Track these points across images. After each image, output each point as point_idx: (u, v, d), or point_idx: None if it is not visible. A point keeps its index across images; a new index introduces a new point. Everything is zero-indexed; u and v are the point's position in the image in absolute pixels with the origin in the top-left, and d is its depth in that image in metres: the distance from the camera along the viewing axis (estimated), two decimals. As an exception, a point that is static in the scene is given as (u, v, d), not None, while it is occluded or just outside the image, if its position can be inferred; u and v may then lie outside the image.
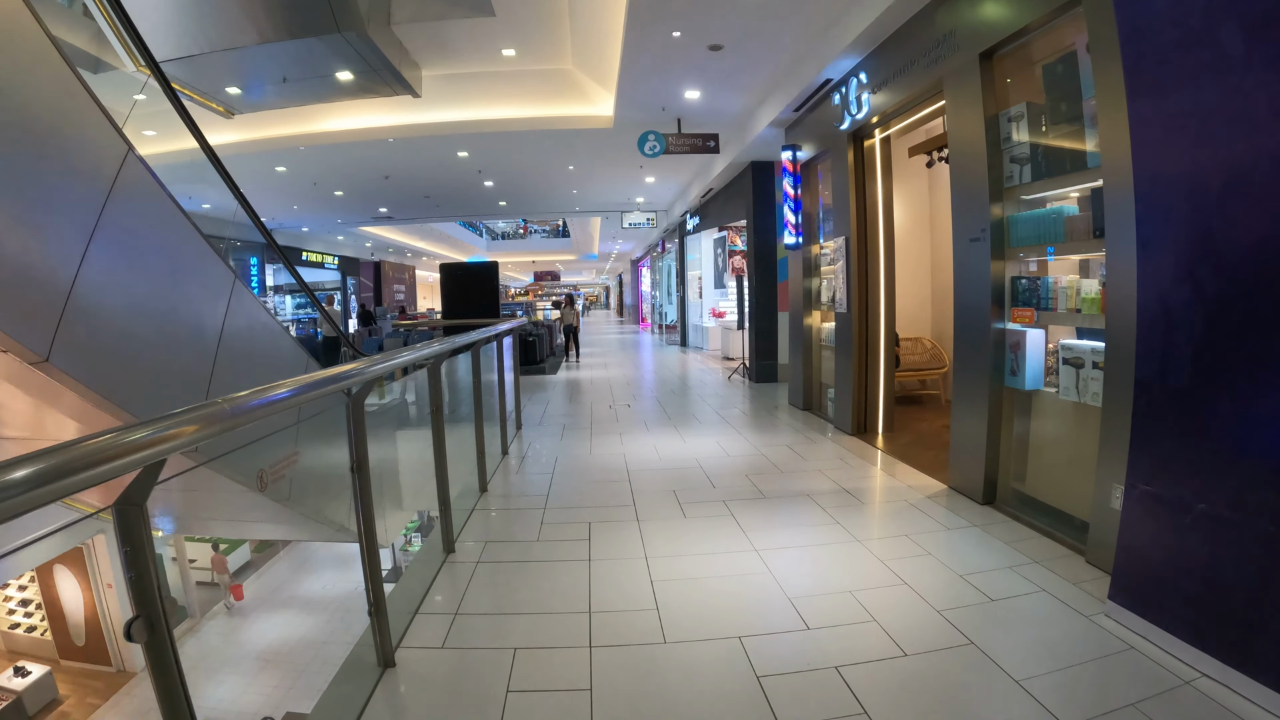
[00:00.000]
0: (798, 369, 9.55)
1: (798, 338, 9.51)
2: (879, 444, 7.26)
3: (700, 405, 9.88)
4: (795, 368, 9.66)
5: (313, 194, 17.64)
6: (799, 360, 9.48)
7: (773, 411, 9.33)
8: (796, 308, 9.55)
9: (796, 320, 9.57)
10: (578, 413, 9.54)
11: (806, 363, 9.31)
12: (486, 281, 8.65)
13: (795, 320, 9.63)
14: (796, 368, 9.59)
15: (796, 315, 9.55)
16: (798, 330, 9.51)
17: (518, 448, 7.42)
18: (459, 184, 16.37)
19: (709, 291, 20.28)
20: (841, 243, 7.78)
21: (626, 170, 14.64)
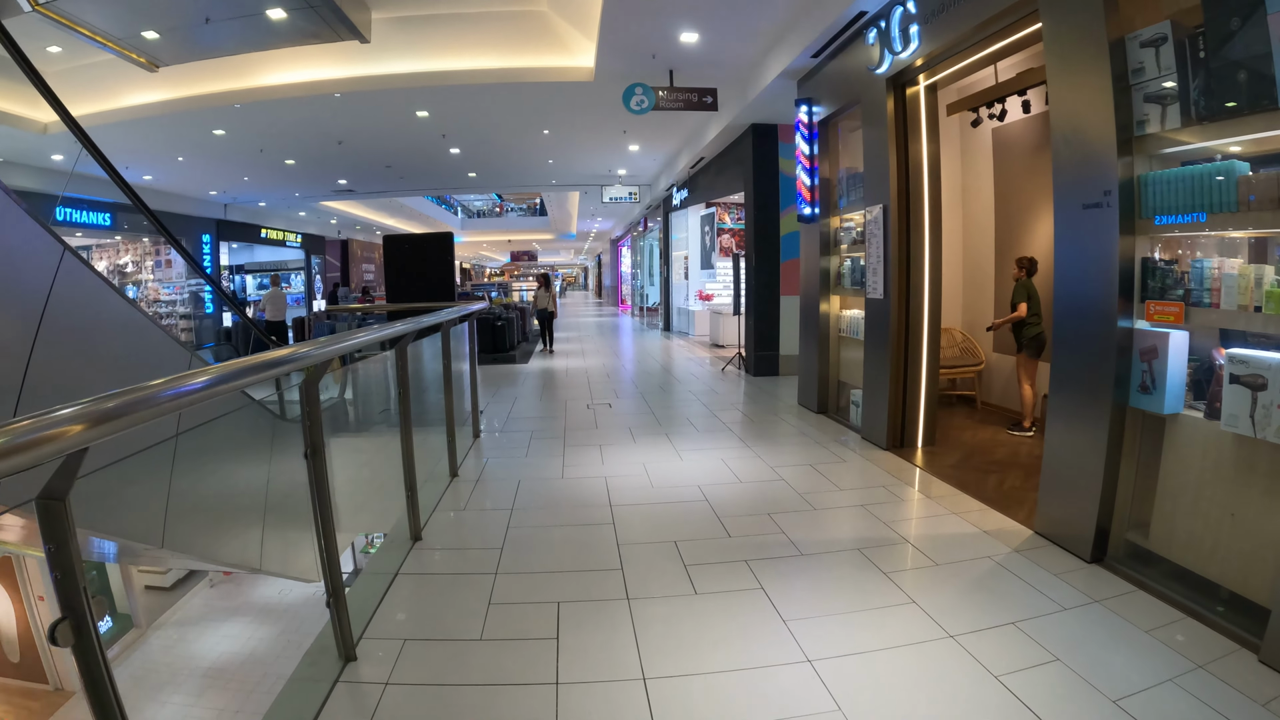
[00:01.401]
0: (810, 364, 8.15)
1: (811, 327, 8.11)
2: (920, 461, 5.90)
3: (694, 405, 8.45)
4: (807, 362, 8.26)
5: (261, 163, 15.91)
6: (811, 354, 8.08)
7: (780, 414, 7.93)
8: (810, 291, 8.13)
9: (810, 306, 8.15)
10: (550, 414, 8.08)
11: (821, 357, 7.91)
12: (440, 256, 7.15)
13: (808, 306, 8.22)
14: (809, 362, 8.19)
15: (810, 300, 8.14)
16: (811, 318, 8.10)
17: (473, 465, 5.95)
18: (422, 151, 14.71)
19: (695, 272, 18.82)
20: (878, 213, 6.36)
21: (608, 137, 13.09)
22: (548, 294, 15.64)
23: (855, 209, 7.26)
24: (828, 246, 7.80)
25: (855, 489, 5.17)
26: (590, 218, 29.58)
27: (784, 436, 6.84)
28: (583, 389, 9.75)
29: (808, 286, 8.22)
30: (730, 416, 7.80)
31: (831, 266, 7.80)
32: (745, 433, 7.00)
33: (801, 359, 8.42)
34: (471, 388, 6.94)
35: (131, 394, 1.47)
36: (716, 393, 9.33)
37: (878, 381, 6.49)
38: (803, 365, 8.38)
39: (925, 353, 6.31)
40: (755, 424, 7.42)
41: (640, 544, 4.12)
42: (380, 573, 3.78)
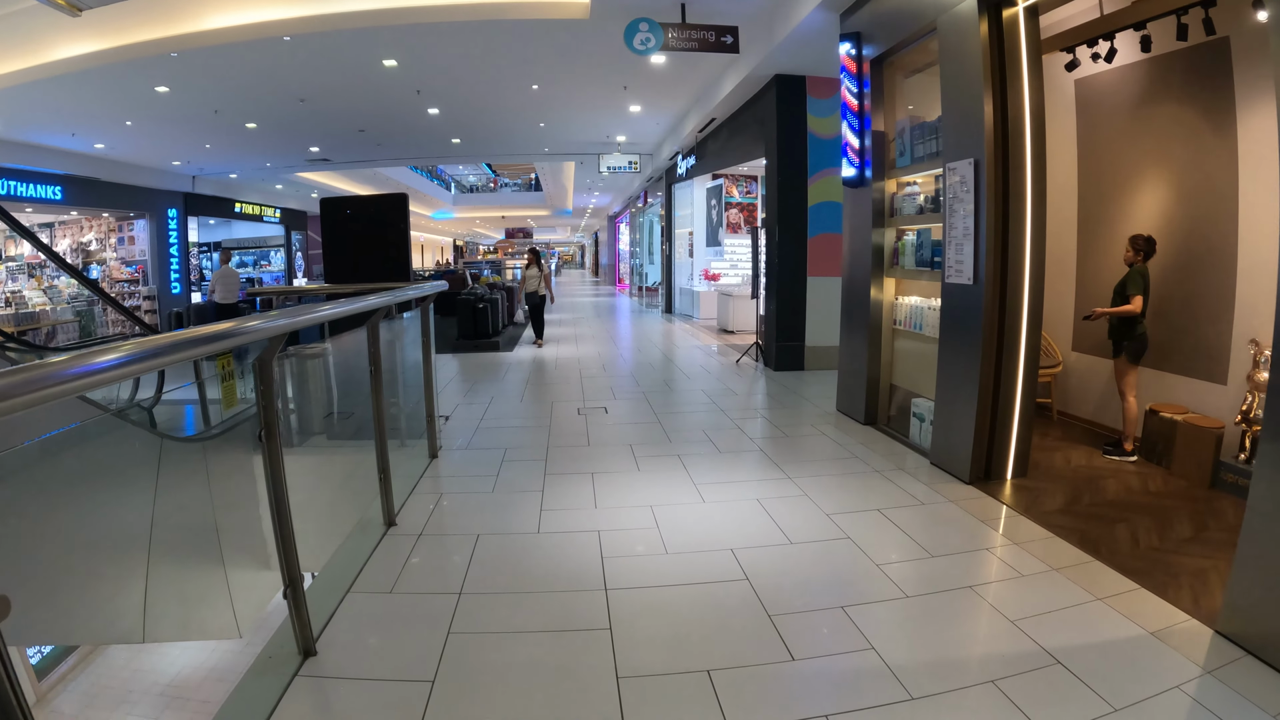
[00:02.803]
0: (854, 362, 6.60)
1: (856, 317, 6.55)
2: (1019, 503, 4.41)
3: (708, 411, 6.91)
4: (850, 360, 6.72)
5: (220, 127, 14.27)
6: (857, 350, 6.53)
7: (817, 425, 6.39)
8: (855, 272, 6.56)
9: (854, 291, 6.59)
10: (532, 422, 6.54)
11: (871, 355, 6.35)
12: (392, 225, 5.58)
13: (852, 291, 6.66)
14: (852, 360, 6.65)
15: (855, 284, 6.57)
16: (856, 306, 6.55)
17: (420, 505, 4.41)
18: (396, 112, 13.06)
19: (700, 250, 17.22)
20: (964, 172, 4.78)
21: (606, 94, 11.44)
22: (539, 274, 12.50)
23: (922, 168, 5.69)
24: (881, 216, 6.23)
25: (951, 554, 3.64)
26: (587, 192, 27.87)
27: (830, 461, 5.30)
28: (574, 386, 8.20)
29: (853, 267, 6.65)
30: (756, 428, 6.26)
31: (885, 241, 6.23)
32: (780, 454, 5.46)
33: (843, 356, 6.87)
34: (427, 393, 5.39)
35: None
36: (733, 393, 7.78)
37: (958, 392, 4.95)
38: (845, 363, 6.83)
39: (1023, 356, 4.78)
40: (790, 440, 5.88)
41: (653, 676, 2.58)
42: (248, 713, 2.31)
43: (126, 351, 1.52)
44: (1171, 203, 5.61)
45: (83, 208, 19.41)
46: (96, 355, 1.42)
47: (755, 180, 17.40)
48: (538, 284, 12.39)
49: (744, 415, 6.74)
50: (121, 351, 1.51)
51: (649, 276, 23.46)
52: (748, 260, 17.54)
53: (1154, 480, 4.93)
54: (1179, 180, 5.53)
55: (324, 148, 17.16)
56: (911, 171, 5.89)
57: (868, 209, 6.27)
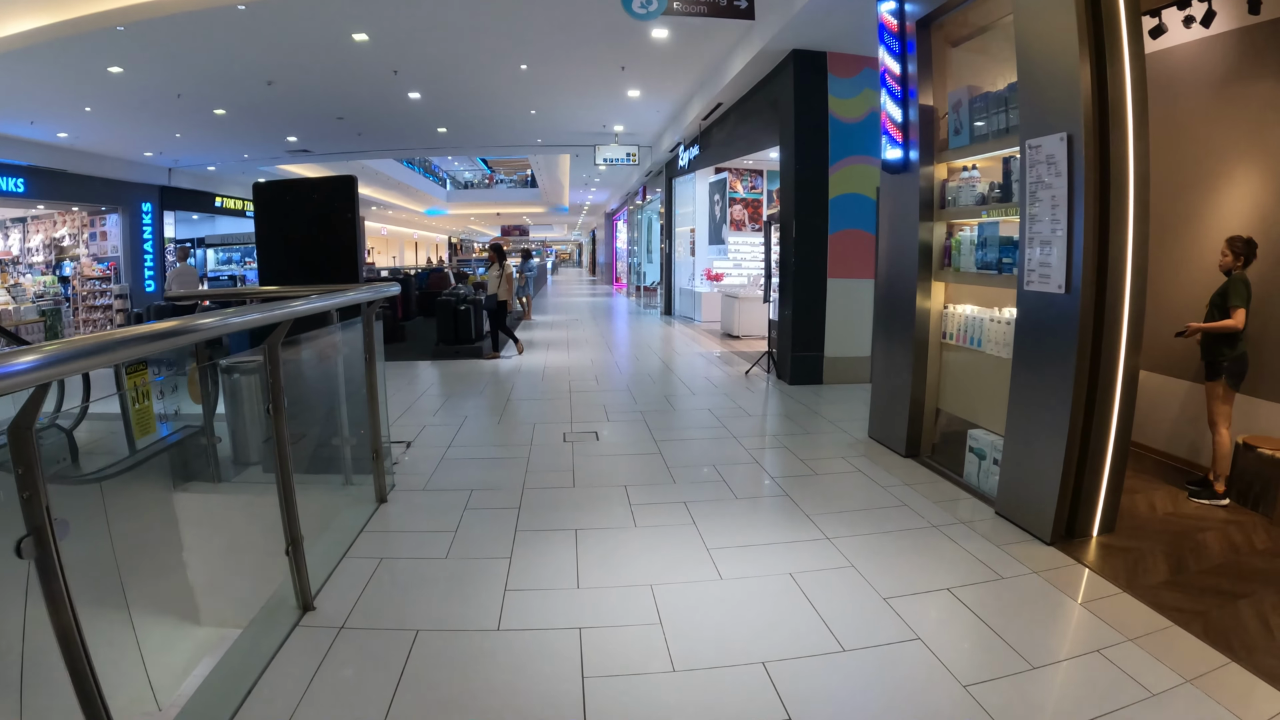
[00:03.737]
0: (892, 381, 5.59)
1: (895, 327, 5.54)
2: (1110, 570, 3.43)
3: (719, 439, 5.88)
4: (887, 379, 5.70)
5: (187, 114, 13.23)
6: (896, 367, 5.52)
7: (850, 458, 5.37)
8: (896, 274, 5.55)
9: (894, 296, 5.58)
10: (508, 453, 5.50)
11: (916, 374, 5.33)
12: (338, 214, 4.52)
13: (892, 296, 5.64)
14: (890, 378, 5.63)
15: (895, 287, 5.56)
16: (896, 314, 5.53)
17: (347, 582, 3.37)
18: (375, 97, 12.03)
19: (703, 248, 16.20)
20: (1053, 149, 3.77)
21: (601, 75, 10.40)
22: (499, 274, 10.51)
23: (985, 148, 4.68)
24: (929, 208, 5.20)
25: (1055, 663, 2.63)
26: (583, 187, 26.83)
27: (874, 511, 4.27)
28: (562, 403, 7.17)
29: (892, 268, 5.63)
30: (777, 462, 5.24)
31: (934, 238, 5.21)
32: (810, 499, 4.43)
33: (878, 373, 5.86)
34: (372, 423, 4.35)
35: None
36: (745, 413, 6.76)
37: (1038, 427, 3.93)
38: (880, 382, 5.81)
39: (1120, 384, 3.77)
40: (820, 480, 4.85)
41: None
42: None
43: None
44: (1269, 198, 4.63)
45: (50, 201, 18.36)
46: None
47: (760, 175, 16.39)
48: (499, 286, 10.54)
49: (760, 443, 5.72)
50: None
51: (647, 276, 22.46)
52: (753, 259, 16.54)
53: (1258, 533, 4.01)
54: (1278, 171, 4.55)
55: (302, 137, 16.12)
56: (970, 153, 4.86)
57: (912, 199, 5.25)
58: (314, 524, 4.32)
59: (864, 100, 8.04)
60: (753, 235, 16.43)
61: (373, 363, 4.25)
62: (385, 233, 44.10)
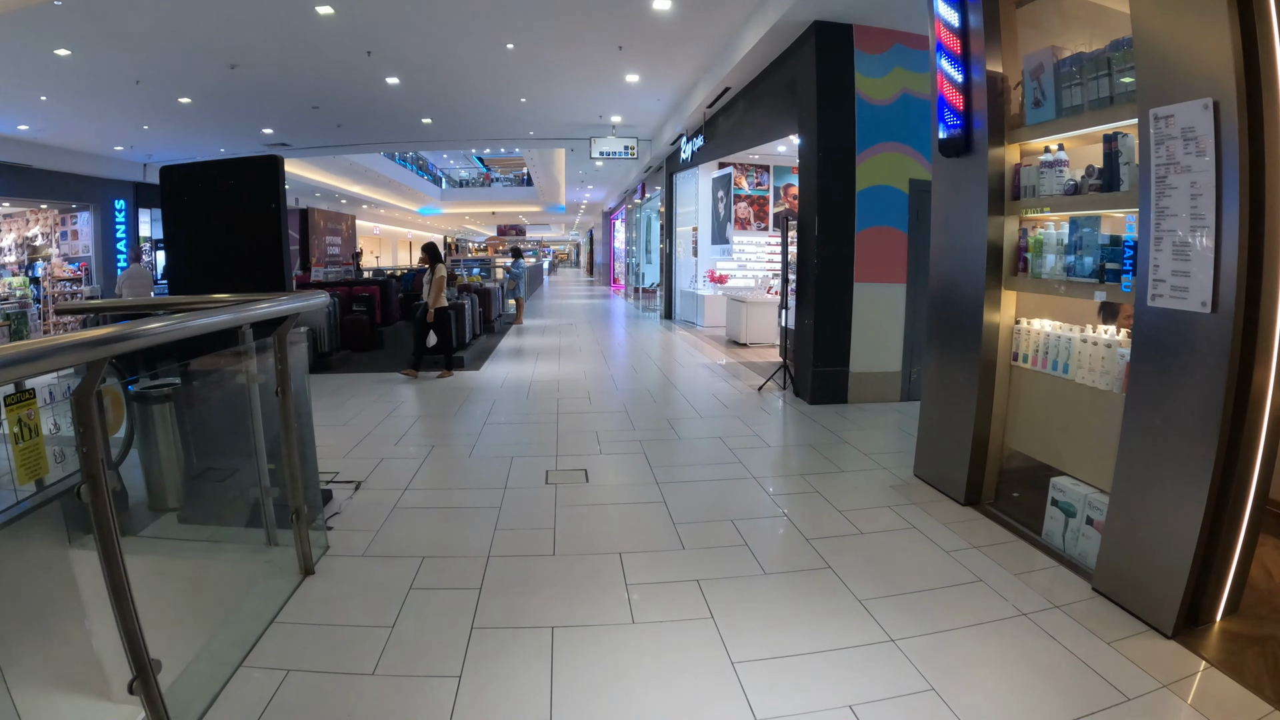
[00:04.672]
0: (952, 411, 4.58)
1: (957, 344, 4.53)
2: (1255, 679, 2.40)
3: (735, 480, 4.86)
4: (941, 407, 4.69)
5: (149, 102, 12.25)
6: (957, 393, 4.51)
7: (899, 507, 4.36)
8: (957, 280, 4.54)
9: (954, 307, 4.57)
10: (475, 500, 4.48)
11: (981, 403, 4.32)
12: (258, 204, 3.54)
13: (949, 307, 4.63)
14: (947, 407, 4.62)
15: (956, 296, 4.55)
16: (956, 329, 4.52)
17: (237, 709, 2.35)
18: (348, 82, 11.01)
19: (706, 248, 15.20)
20: (1195, 118, 2.75)
21: (596, 56, 9.40)
22: (431, 281, 8.73)
23: (1080, 122, 3.68)
24: (998, 198, 4.20)
25: None
26: (579, 185, 25.82)
27: (944, 592, 3.25)
28: (547, 428, 6.16)
29: (948, 271, 4.63)
30: (812, 515, 4.22)
31: (1005, 236, 4.21)
32: (861, 574, 3.42)
33: (929, 400, 4.84)
34: (289, 471, 3.34)
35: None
36: (764, 443, 5.74)
37: (1162, 482, 2.93)
38: (931, 411, 4.80)
39: (1265, 431, 2.77)
40: (868, 542, 3.84)
41: None
42: None
43: None
44: None
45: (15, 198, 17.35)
46: None
47: (767, 171, 15.39)
48: (436, 293, 8.69)
49: (785, 485, 4.71)
50: None
51: (646, 277, 21.46)
52: (758, 260, 15.53)
53: None
54: None
55: (279, 130, 15.09)
56: (1056, 130, 3.86)
57: (976, 189, 4.25)
58: (216, 607, 3.33)
59: (895, 80, 7.05)
60: (758, 235, 15.43)
61: (287, 401, 3.24)
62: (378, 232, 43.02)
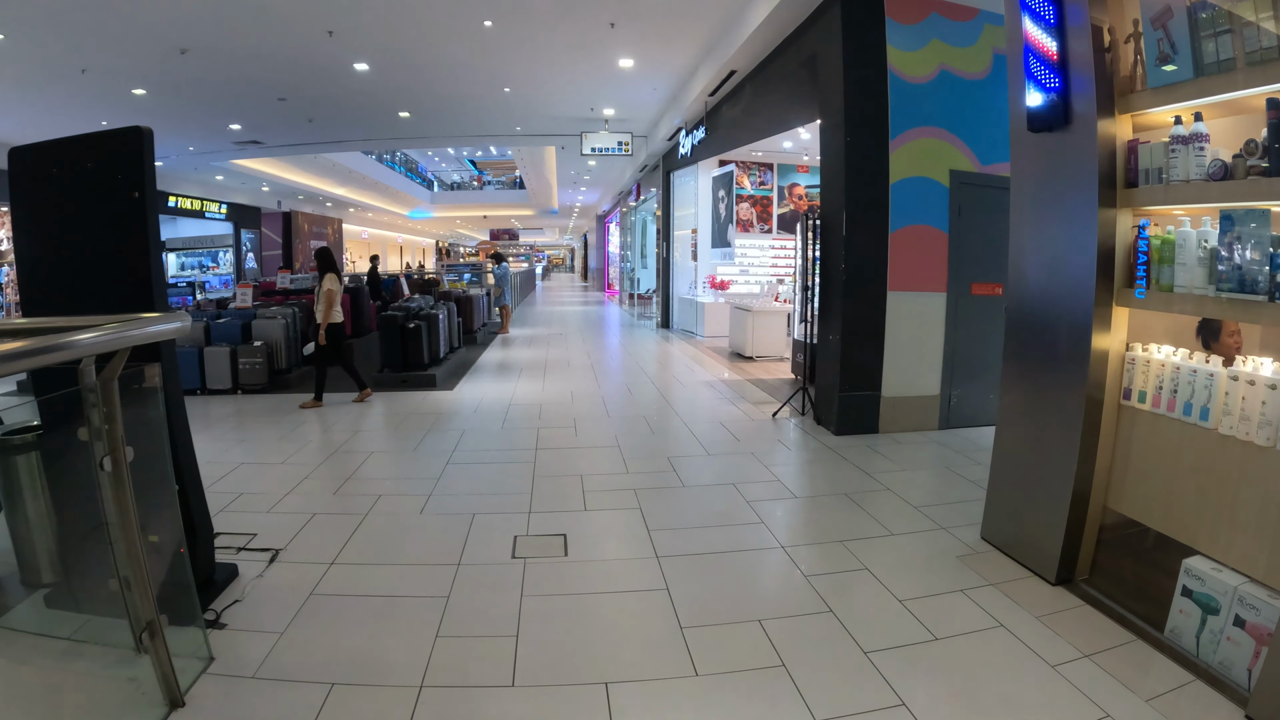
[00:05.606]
0: (1044, 461, 3.52)
1: (1049, 377, 3.48)
2: None
3: (759, 551, 3.80)
4: (1029, 456, 3.62)
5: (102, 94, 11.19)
6: (1048, 439, 3.46)
7: (971, 589, 3.31)
8: (1045, 290, 3.50)
9: (1043, 328, 3.52)
10: (415, 586, 3.41)
11: (1085, 454, 3.27)
12: (107, 197, 2.65)
13: (1034, 327, 3.58)
14: (1039, 458, 3.56)
15: (1052, 313, 3.49)
16: (1052, 358, 3.47)
17: None
18: (314, 70, 9.95)
19: (706, 252, 14.16)
20: None
21: (586, 36, 8.36)
22: (321, 299, 7.40)
23: (1229, 82, 2.66)
24: (1108, 185, 3.17)
25: None
26: (572, 187, 24.76)
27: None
28: (521, 472, 5.08)
29: (1036, 280, 3.59)
30: (866, 609, 3.15)
31: (1118, 235, 3.17)
32: (939, 706, 2.37)
33: (1007, 444, 3.77)
34: (136, 579, 2.28)
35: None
36: (788, 491, 4.68)
37: None
38: (1009, 459, 3.73)
39: None
40: (946, 654, 2.79)
41: None
42: None
43: None
44: None
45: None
46: None
47: (770, 169, 14.39)
48: (325, 307, 7.38)
49: (826, 561, 3.63)
50: None
51: (641, 282, 20.44)
52: (761, 265, 14.49)
53: None
54: None
55: (247, 125, 14.03)
56: (1191, 93, 2.82)
57: (1079, 173, 3.22)
58: None
59: (932, 54, 6.03)
60: (761, 237, 14.41)
61: (120, 477, 2.19)
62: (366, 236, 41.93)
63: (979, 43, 6.24)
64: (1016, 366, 3.74)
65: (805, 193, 14.63)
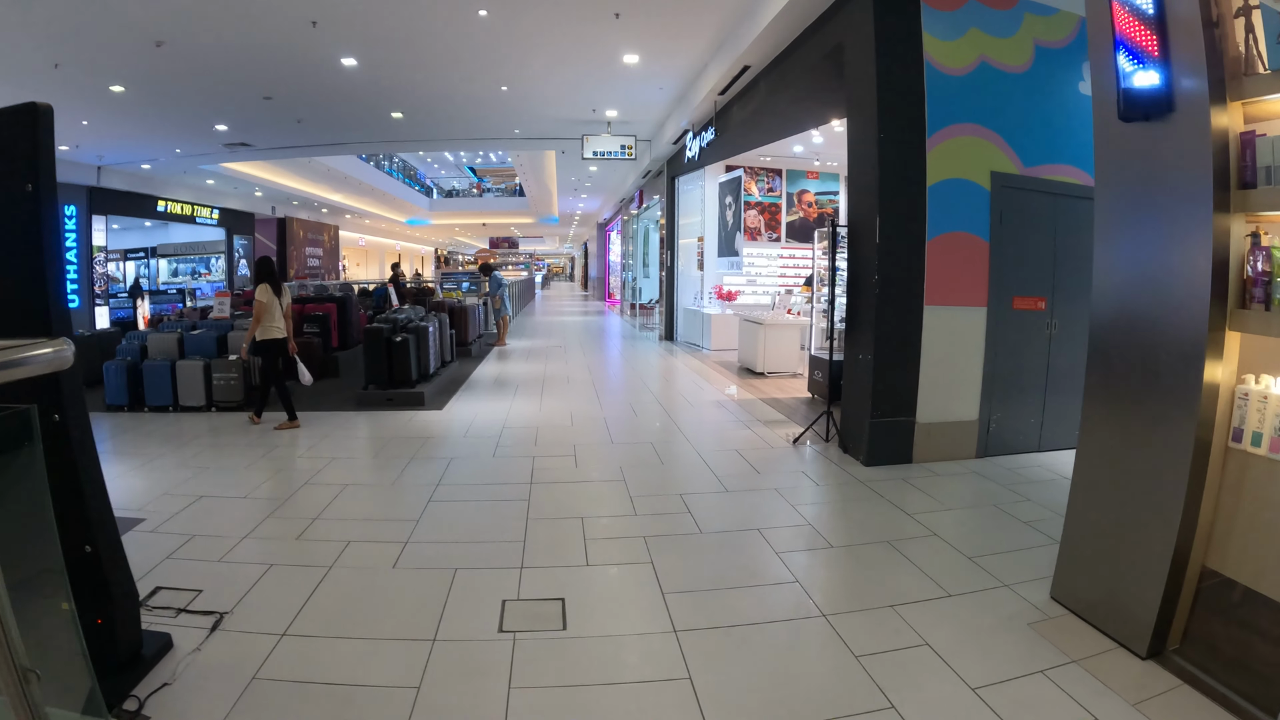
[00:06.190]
0: (1140, 515, 2.92)
1: (1144, 411, 2.87)
2: None
3: (797, 623, 3.19)
4: (1120, 507, 3.02)
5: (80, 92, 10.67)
6: (1145, 487, 2.86)
7: (1053, 671, 2.70)
8: (1142, 311, 2.89)
9: (1145, 353, 2.91)
10: (376, 670, 2.81)
11: (1190, 505, 2.68)
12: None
13: (1132, 354, 2.98)
14: (1131, 509, 2.96)
15: (1151, 336, 2.88)
16: (1150, 390, 2.86)
17: None
18: (299, 66, 9.39)
19: (712, 261, 13.58)
20: None
21: (588, 29, 7.79)
22: (268, 306, 6.68)
23: None
24: (1222, 185, 2.59)
25: None
26: (573, 194, 24.21)
27: None
28: (514, 513, 4.47)
29: (1129, 298, 3.01)
30: (934, 707, 2.55)
31: (1232, 246, 2.59)
32: None
33: (1088, 493, 3.15)
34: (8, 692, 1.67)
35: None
36: (823, 540, 4.08)
37: None
38: (1090, 510, 3.12)
39: None
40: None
41: None
42: None
43: None
44: None
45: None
46: None
47: (778, 175, 13.83)
48: (270, 323, 6.73)
49: (878, 635, 3.01)
50: None
51: (643, 292, 19.86)
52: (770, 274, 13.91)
53: None
54: None
55: (234, 126, 13.45)
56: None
57: (1183, 170, 2.64)
58: None
59: (971, 44, 5.46)
60: (769, 246, 13.84)
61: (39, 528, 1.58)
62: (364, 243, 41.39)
63: (1019, 33, 5.67)
64: (1102, 400, 3.14)
65: (815, 200, 14.07)
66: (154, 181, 19.41)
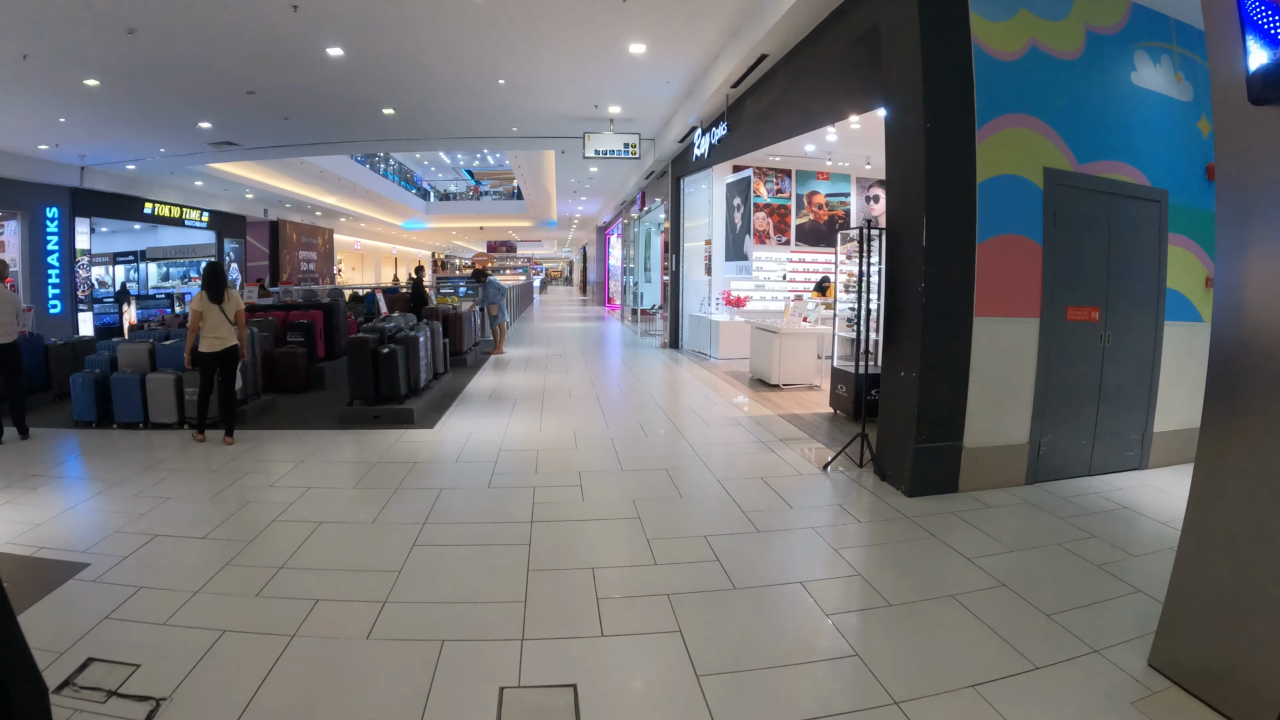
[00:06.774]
0: (1272, 573, 2.33)
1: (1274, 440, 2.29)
2: None
3: (865, 714, 2.60)
4: (1243, 563, 2.42)
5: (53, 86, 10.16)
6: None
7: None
8: None
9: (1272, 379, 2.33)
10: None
11: None
12: None
13: (1266, 377, 2.39)
14: (1265, 566, 2.36)
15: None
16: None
17: None
18: (282, 57, 8.82)
19: (719, 265, 12.99)
20: None
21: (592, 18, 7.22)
22: (204, 315, 6.24)
23: None
24: None
25: None
26: (572, 196, 23.64)
27: None
28: (512, 561, 3.87)
29: (1256, 312, 2.41)
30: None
31: None
32: None
33: (1204, 540, 2.55)
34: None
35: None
36: (878, 596, 3.49)
37: None
38: (1208, 562, 2.53)
39: None
40: None
41: None
42: None
43: None
44: None
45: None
46: None
47: (788, 175, 13.26)
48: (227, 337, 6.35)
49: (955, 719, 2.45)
50: None
51: (644, 298, 19.26)
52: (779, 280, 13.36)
53: None
54: None
55: (218, 124, 12.86)
56: None
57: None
58: None
59: (1021, 26, 4.90)
60: (779, 250, 13.27)
61: None
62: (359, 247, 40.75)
63: (1070, 16, 5.11)
64: (1227, 433, 2.56)
65: (826, 201, 13.50)
66: (140, 183, 18.82)
